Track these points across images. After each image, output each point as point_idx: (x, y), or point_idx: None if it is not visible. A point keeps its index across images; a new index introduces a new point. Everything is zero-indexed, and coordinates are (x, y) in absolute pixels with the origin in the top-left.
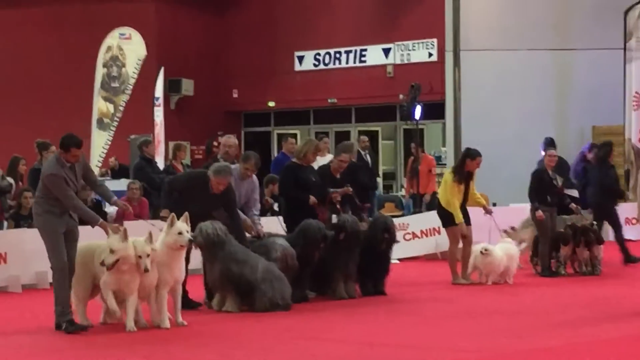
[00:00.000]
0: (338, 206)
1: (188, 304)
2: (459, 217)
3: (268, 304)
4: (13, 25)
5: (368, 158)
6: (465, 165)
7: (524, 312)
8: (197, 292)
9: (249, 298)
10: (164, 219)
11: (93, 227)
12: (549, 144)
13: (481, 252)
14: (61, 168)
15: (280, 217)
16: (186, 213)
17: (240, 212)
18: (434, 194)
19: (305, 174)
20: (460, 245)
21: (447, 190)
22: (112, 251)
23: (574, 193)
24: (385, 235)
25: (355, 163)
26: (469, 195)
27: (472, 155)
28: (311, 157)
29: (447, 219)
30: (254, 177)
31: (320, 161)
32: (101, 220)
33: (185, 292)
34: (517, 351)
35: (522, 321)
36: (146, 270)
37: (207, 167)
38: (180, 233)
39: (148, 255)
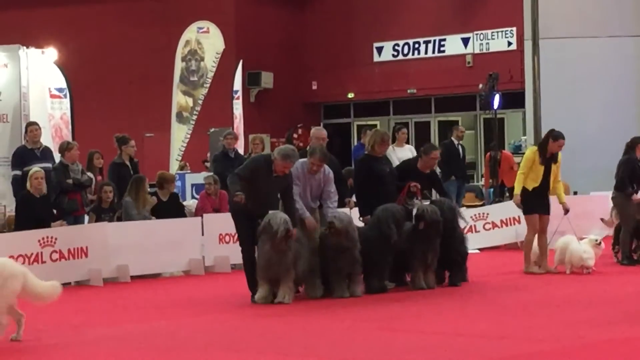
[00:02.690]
0: (417, 197)
1: None
2: (517, 189)
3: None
4: (92, 20)
5: (460, 149)
6: (548, 145)
7: (604, 301)
8: None
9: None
10: (236, 198)
11: None
12: None
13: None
14: None
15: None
16: None
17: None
18: None
19: (379, 165)
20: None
21: (523, 164)
22: None
23: None
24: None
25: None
26: (553, 182)
27: (554, 136)
28: (377, 148)
29: (527, 206)
30: (327, 169)
31: (399, 152)
32: None
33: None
34: (595, 341)
35: (601, 310)
36: None
37: None
38: None
39: None
